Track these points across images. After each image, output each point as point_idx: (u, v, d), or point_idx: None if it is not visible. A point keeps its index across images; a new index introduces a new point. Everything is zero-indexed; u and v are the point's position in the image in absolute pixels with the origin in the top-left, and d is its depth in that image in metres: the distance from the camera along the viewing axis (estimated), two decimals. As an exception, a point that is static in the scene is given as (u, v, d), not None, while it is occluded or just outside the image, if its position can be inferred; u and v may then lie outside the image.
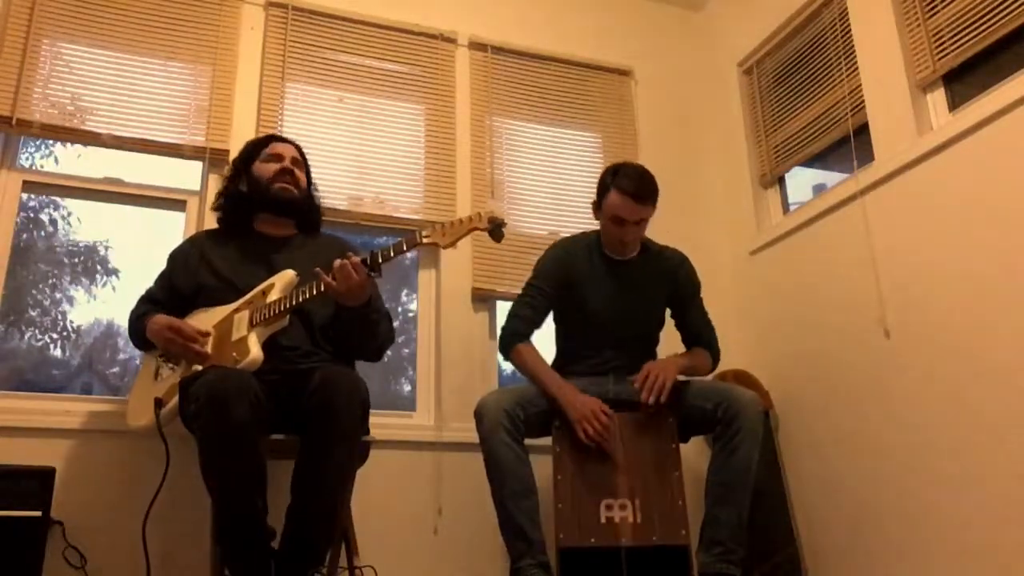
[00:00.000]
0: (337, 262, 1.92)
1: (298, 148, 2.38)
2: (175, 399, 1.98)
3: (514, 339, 2.36)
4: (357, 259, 1.93)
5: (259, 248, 2.24)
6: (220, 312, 2.11)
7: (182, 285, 2.21)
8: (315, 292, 1.96)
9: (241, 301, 2.10)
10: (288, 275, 2.10)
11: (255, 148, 2.34)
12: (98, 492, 2.30)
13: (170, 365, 2.12)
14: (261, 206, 2.27)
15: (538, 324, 2.40)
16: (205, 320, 2.12)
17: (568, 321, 2.48)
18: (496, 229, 1.88)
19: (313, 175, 2.43)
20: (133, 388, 2.22)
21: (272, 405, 1.89)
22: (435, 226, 1.90)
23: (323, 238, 2.36)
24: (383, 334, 2.18)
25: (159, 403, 2.00)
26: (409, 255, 3.16)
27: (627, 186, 2.28)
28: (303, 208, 2.31)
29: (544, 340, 2.47)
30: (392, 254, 1.92)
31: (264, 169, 2.27)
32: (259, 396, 1.81)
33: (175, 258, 2.29)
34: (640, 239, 2.43)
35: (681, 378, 2.30)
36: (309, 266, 2.08)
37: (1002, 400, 2.09)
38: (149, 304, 2.21)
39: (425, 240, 1.89)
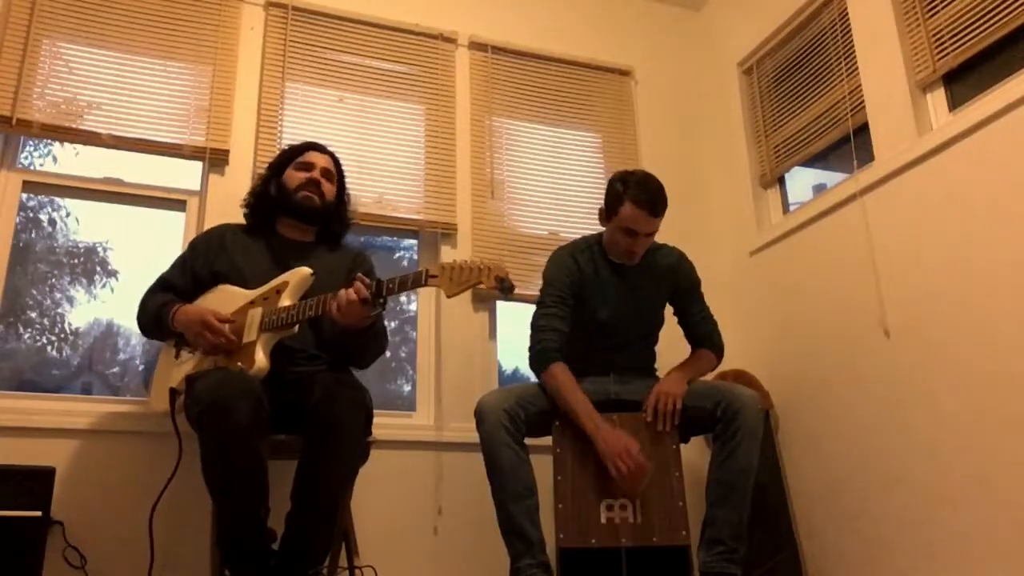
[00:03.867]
0: (342, 295, 1.91)
1: (335, 160, 2.39)
2: None
3: (548, 356, 2.26)
4: (365, 292, 1.91)
5: (278, 250, 2.26)
6: (237, 298, 2.12)
7: (200, 270, 2.23)
8: (318, 312, 1.96)
9: (257, 294, 2.10)
10: (303, 273, 2.09)
11: (291, 154, 2.36)
12: (98, 492, 2.30)
13: (188, 350, 2.12)
14: (284, 211, 2.29)
15: (567, 335, 2.32)
16: (224, 303, 2.12)
17: (574, 326, 2.47)
18: (504, 289, 1.85)
19: None
20: (156, 369, 2.23)
21: (274, 405, 1.89)
22: (444, 268, 1.87)
23: (343, 251, 2.36)
24: (373, 355, 2.19)
25: (174, 394, 2.02)
26: (410, 252, 3.17)
27: (642, 199, 2.24)
28: (325, 218, 2.31)
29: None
30: (396, 289, 1.92)
31: (293, 177, 2.29)
32: (261, 399, 1.82)
33: (195, 245, 2.30)
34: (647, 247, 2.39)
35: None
36: (323, 279, 2.10)
37: (1003, 400, 2.09)
38: (168, 292, 2.20)
39: (431, 282, 1.87)
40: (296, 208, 2.27)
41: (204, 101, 2.77)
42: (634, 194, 2.26)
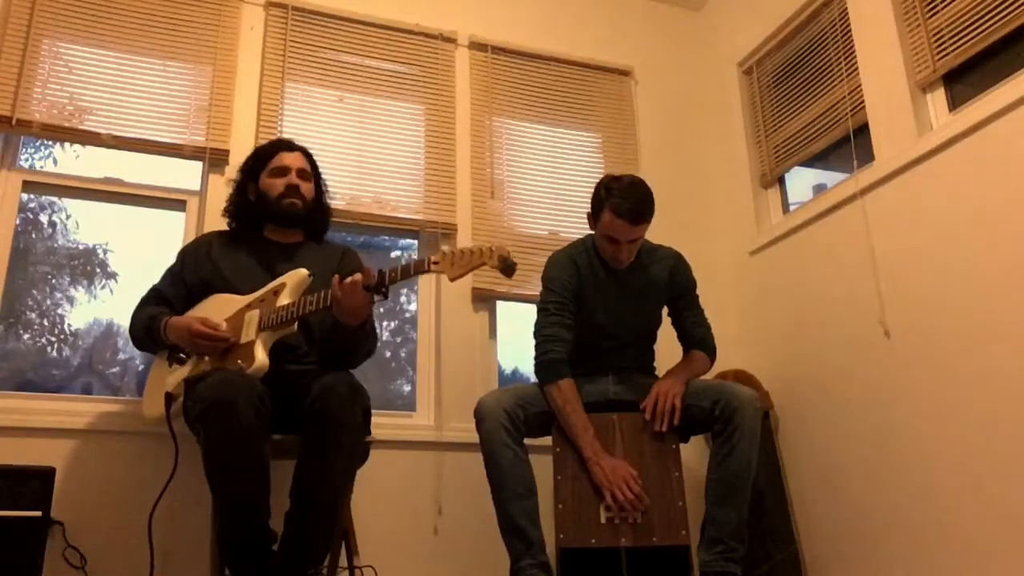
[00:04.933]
0: (348, 279, 1.91)
1: (306, 154, 2.37)
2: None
3: (558, 370, 2.23)
4: (371, 279, 1.90)
5: (266, 254, 2.25)
6: (232, 304, 2.11)
7: (190, 281, 2.22)
8: (321, 305, 1.95)
9: (253, 297, 2.09)
10: (300, 273, 2.09)
11: (262, 158, 2.33)
12: (98, 492, 2.30)
13: (182, 355, 2.11)
14: (269, 218, 2.29)
15: (572, 343, 2.30)
16: (218, 310, 2.12)
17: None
18: (506, 268, 1.85)
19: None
20: (149, 378, 2.22)
21: (273, 405, 1.89)
22: (445, 253, 1.87)
23: (329, 247, 2.36)
24: (363, 354, 2.18)
25: (169, 398, 2.02)
26: (411, 250, 3.18)
27: (621, 208, 2.21)
28: (311, 218, 2.32)
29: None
30: (399, 277, 1.91)
31: (272, 185, 2.28)
32: (264, 399, 1.82)
33: (184, 255, 2.30)
34: (632, 255, 2.36)
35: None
36: (314, 277, 2.10)
37: (1002, 400, 2.09)
38: (161, 305, 2.20)
39: (433, 268, 1.86)
40: (281, 217, 2.27)
41: (204, 101, 2.77)
42: (615, 202, 2.22)
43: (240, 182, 2.34)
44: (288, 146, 2.36)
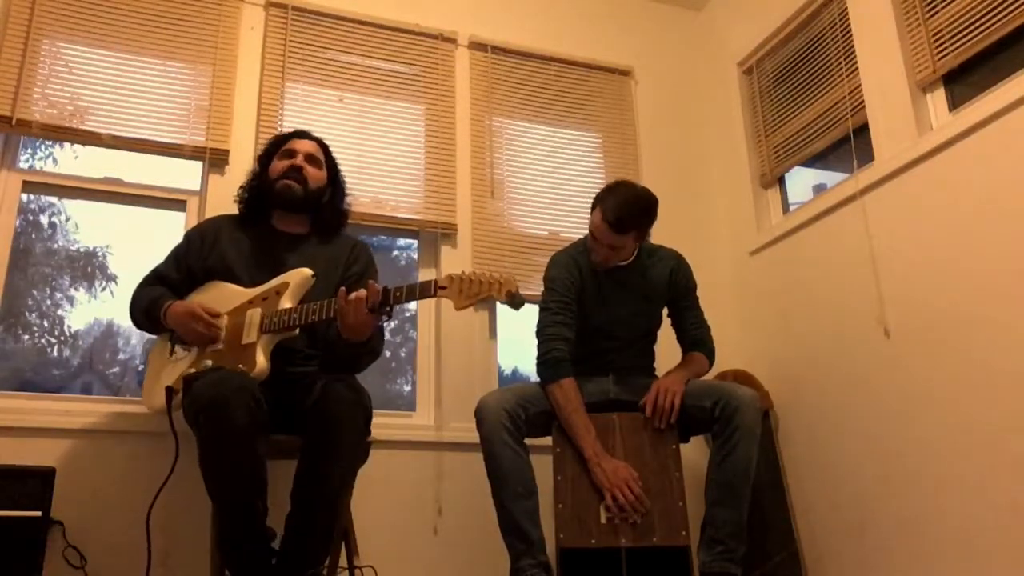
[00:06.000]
0: (353, 295, 1.90)
1: (322, 145, 2.35)
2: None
3: (560, 369, 2.24)
4: (375, 298, 1.90)
5: (271, 244, 2.23)
6: (234, 296, 2.10)
7: (193, 264, 2.22)
8: (324, 316, 1.95)
9: (256, 294, 2.08)
10: (303, 274, 2.08)
11: (277, 143, 2.33)
12: (98, 492, 2.30)
13: (182, 346, 2.10)
14: (270, 202, 2.27)
15: (573, 342, 2.31)
16: (220, 301, 2.11)
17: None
18: (514, 303, 1.84)
19: None
20: (147, 369, 2.22)
21: (273, 406, 1.89)
22: (453, 278, 1.86)
23: (339, 241, 2.32)
24: (365, 363, 2.16)
25: (170, 392, 2.01)
26: (410, 250, 3.18)
27: (608, 212, 2.23)
28: (310, 205, 2.28)
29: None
30: (404, 298, 1.91)
31: (276, 166, 2.27)
32: (259, 399, 1.81)
33: (190, 238, 2.29)
34: (615, 259, 2.36)
35: None
36: (319, 272, 2.09)
37: (1002, 400, 2.08)
38: (162, 285, 2.19)
39: (440, 294, 1.86)
40: (277, 198, 2.24)
41: (204, 101, 2.77)
42: (606, 205, 2.25)
43: (255, 169, 2.34)
44: (304, 135, 2.36)
